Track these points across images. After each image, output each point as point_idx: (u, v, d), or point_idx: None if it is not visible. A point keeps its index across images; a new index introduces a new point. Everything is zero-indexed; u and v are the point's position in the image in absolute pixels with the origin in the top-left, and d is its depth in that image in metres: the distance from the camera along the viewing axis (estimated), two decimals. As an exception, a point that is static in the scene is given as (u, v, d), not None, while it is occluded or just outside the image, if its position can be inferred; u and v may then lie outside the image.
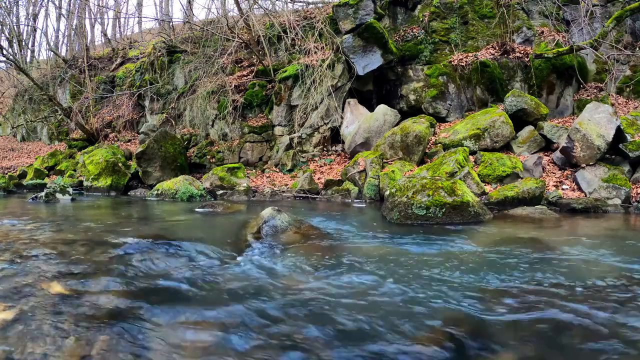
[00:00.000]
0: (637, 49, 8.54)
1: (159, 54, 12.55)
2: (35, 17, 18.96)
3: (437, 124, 8.64)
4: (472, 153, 7.20)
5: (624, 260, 3.04)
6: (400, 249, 3.36)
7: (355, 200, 6.87)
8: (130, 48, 15.74)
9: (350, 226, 4.30)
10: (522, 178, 6.36)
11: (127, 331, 1.80)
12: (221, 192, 7.60)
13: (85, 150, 10.52)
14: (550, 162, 6.90)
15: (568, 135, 6.48)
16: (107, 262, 2.77)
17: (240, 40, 10.68)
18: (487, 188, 6.29)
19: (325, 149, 9.23)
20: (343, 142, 8.92)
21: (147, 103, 12.51)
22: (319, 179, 8.03)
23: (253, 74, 10.57)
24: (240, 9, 11.30)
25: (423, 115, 8.73)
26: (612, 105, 7.89)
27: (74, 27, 16.97)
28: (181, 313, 2.01)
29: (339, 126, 9.04)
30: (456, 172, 6.20)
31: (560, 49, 8.11)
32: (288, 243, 3.40)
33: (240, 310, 2.05)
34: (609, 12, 8.90)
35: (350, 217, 5.15)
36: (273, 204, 6.37)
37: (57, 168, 11.00)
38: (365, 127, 8.41)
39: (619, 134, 6.35)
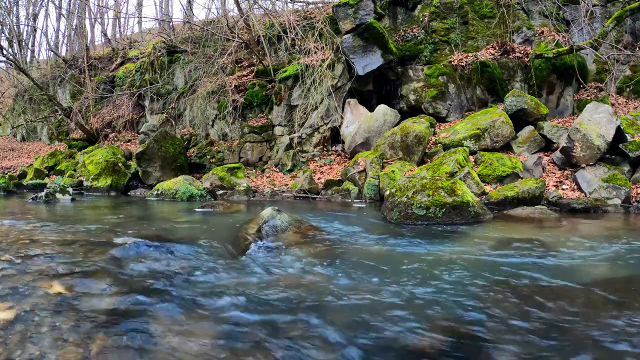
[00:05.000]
0: (637, 49, 8.54)
1: (159, 54, 12.55)
2: (35, 17, 18.96)
3: (437, 124, 8.64)
4: (472, 153, 7.20)
5: (624, 260, 3.04)
6: (400, 248, 3.36)
7: (355, 200, 6.87)
8: (130, 48, 15.74)
9: (350, 226, 4.30)
10: (522, 178, 6.36)
11: (128, 331, 1.80)
12: (221, 192, 7.60)
13: (85, 150, 10.52)
14: (550, 162, 6.90)
15: (568, 135, 6.48)
16: (107, 262, 2.77)
17: (240, 40, 10.68)
18: (487, 188, 6.29)
19: (325, 149, 9.23)
20: (343, 142, 8.92)
21: (147, 103, 12.51)
22: (319, 179, 8.03)
23: (253, 74, 10.57)
24: (240, 9, 11.30)
25: (423, 115, 8.73)
26: (612, 105, 7.89)
27: (74, 27, 16.97)
28: (182, 313, 2.01)
29: (339, 126, 9.04)
30: (456, 172, 6.20)
31: (560, 49, 8.11)
32: (288, 243, 3.40)
33: (241, 310, 2.05)
34: (609, 12, 8.90)
35: (350, 217, 5.15)
36: (273, 204, 6.37)
37: (57, 168, 10.99)
38: (365, 127, 8.41)
39: (619, 134, 6.35)
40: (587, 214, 5.31)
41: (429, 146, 7.82)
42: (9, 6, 16.25)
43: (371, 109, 8.94)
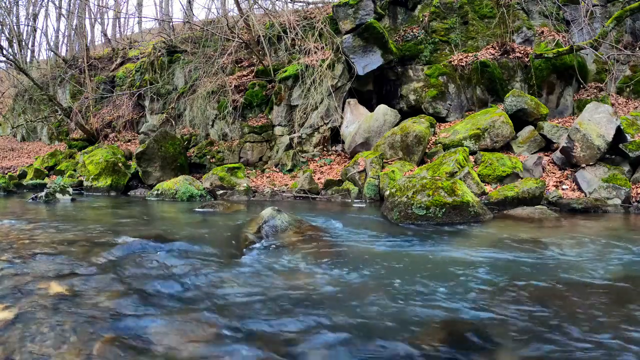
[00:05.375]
0: (637, 49, 8.54)
1: (159, 54, 12.54)
2: (35, 17, 18.95)
3: (437, 124, 8.64)
4: (472, 153, 7.20)
5: (624, 260, 3.04)
6: (400, 248, 3.36)
7: (355, 200, 6.87)
8: (130, 48, 15.74)
9: (350, 226, 4.30)
10: (522, 178, 6.36)
11: (128, 331, 1.80)
12: (221, 192, 7.60)
13: (85, 150, 10.51)
14: (550, 162, 6.90)
15: (568, 135, 6.48)
16: (107, 262, 2.77)
17: (240, 40, 10.68)
18: (487, 188, 6.29)
19: (325, 149, 9.23)
20: (343, 142, 8.92)
21: (147, 103, 12.51)
22: (319, 179, 8.03)
23: (253, 74, 10.57)
24: (240, 9, 11.30)
25: (423, 115, 8.73)
26: (612, 105, 7.89)
27: (74, 27, 16.97)
28: (182, 313, 2.01)
29: (339, 126, 9.04)
30: (456, 172, 6.20)
31: (560, 49, 8.11)
32: (288, 243, 3.40)
33: (241, 310, 2.05)
34: (609, 12, 8.90)
35: (350, 217, 5.15)
36: (273, 204, 6.37)
37: (57, 168, 10.99)
38: (365, 127, 8.41)
39: (619, 134, 6.36)
40: (587, 214, 5.31)
41: (429, 146, 7.82)
42: (9, 6, 16.25)
43: (371, 109, 8.94)
